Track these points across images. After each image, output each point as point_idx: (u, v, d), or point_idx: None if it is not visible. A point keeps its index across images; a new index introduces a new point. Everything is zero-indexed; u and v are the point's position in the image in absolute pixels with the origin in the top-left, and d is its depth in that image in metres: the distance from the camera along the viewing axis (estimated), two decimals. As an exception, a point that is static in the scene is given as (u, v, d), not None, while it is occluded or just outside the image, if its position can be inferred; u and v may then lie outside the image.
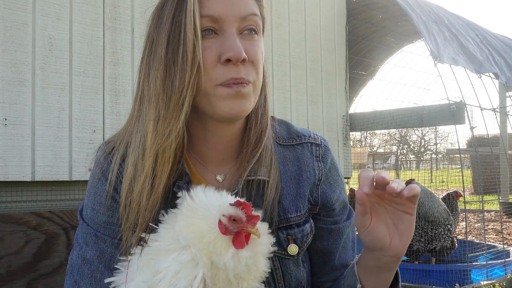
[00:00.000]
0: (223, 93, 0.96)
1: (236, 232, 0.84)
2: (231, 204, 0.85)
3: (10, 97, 2.45)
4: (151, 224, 0.93)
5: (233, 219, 0.84)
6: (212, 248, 0.84)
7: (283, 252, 1.06)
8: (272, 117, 1.18)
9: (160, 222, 0.93)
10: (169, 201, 0.96)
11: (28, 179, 2.49)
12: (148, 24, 1.05)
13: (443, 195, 5.04)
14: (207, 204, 0.89)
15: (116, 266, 0.97)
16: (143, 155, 0.97)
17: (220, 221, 0.85)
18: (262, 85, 1.07)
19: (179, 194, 0.93)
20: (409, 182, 4.23)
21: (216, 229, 0.84)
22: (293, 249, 1.07)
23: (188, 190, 0.93)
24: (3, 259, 2.37)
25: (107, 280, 0.97)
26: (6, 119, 2.42)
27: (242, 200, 0.87)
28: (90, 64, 2.76)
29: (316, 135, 1.17)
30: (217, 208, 0.87)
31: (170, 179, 0.99)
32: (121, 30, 2.92)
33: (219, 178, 1.07)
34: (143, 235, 0.94)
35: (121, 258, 0.96)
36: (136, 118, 1.02)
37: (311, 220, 1.13)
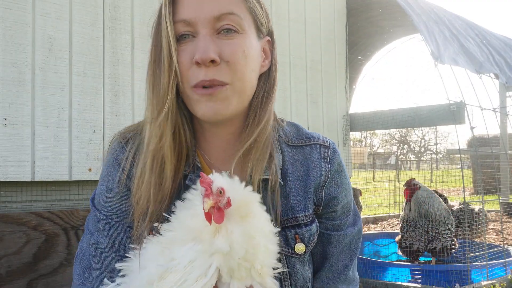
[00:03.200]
0: (196, 96, 1.00)
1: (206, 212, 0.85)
2: (199, 181, 0.87)
3: (10, 97, 2.45)
4: (164, 214, 0.95)
5: (202, 196, 0.86)
6: (204, 229, 0.86)
7: (290, 251, 1.08)
8: (282, 119, 1.21)
9: (173, 213, 0.95)
10: (182, 194, 0.98)
11: (28, 179, 2.49)
12: None
13: (457, 207, 5.01)
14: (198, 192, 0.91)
15: (127, 255, 0.98)
16: (146, 154, 1.01)
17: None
18: (267, 83, 1.09)
19: (193, 187, 0.96)
20: (410, 181, 4.23)
21: (202, 212, 0.86)
22: (300, 248, 1.09)
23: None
24: (3, 259, 2.37)
25: (118, 266, 0.97)
26: (6, 119, 2.42)
27: (206, 175, 0.88)
28: (90, 64, 2.76)
29: (325, 138, 1.19)
30: (199, 191, 0.89)
31: (179, 173, 1.03)
32: (121, 30, 2.91)
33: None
34: (155, 224, 0.96)
35: (132, 246, 0.98)
36: (145, 120, 1.07)
37: (316, 221, 1.14)
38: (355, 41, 5.71)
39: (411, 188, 4.18)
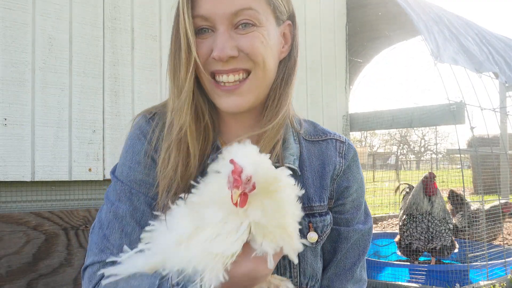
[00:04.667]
0: (217, 91, 1.05)
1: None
2: (229, 161, 0.89)
3: (10, 97, 2.45)
4: (192, 182, 0.98)
5: (228, 178, 0.88)
6: (229, 202, 0.88)
7: (302, 239, 1.08)
8: (299, 118, 1.24)
9: (198, 183, 0.98)
10: (205, 173, 1.01)
11: (28, 179, 2.49)
12: None
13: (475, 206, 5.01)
14: (228, 158, 0.93)
15: (150, 222, 0.99)
16: (172, 139, 1.05)
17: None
18: (287, 67, 1.12)
19: (219, 156, 0.98)
20: (433, 175, 4.21)
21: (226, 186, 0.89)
22: (312, 237, 1.11)
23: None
24: (3, 259, 2.37)
25: (145, 231, 0.98)
26: (6, 119, 2.42)
27: (236, 161, 0.90)
28: (90, 64, 2.76)
29: (341, 134, 1.24)
30: (226, 167, 0.91)
31: (204, 156, 1.07)
32: (121, 30, 2.91)
33: None
34: (181, 195, 0.99)
35: (156, 213, 0.99)
36: (168, 106, 1.10)
37: (331, 214, 1.16)
38: (355, 44, 5.70)
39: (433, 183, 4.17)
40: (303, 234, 1.08)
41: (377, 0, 5.07)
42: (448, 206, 5.25)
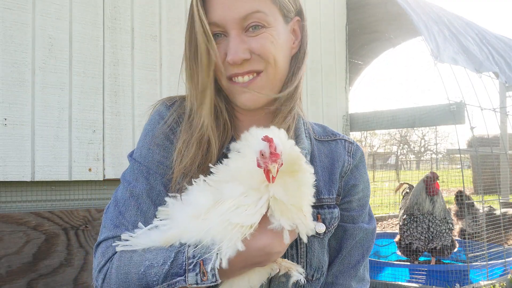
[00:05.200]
0: (234, 89, 1.10)
1: (264, 168, 0.90)
2: (262, 139, 0.91)
3: (10, 97, 2.44)
4: (210, 165, 1.01)
5: (261, 154, 0.89)
6: (253, 175, 0.91)
7: (315, 222, 1.11)
8: (310, 122, 1.30)
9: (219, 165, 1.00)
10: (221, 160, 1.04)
11: (28, 179, 2.49)
12: None
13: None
14: (254, 138, 0.96)
15: (166, 199, 1.02)
16: (192, 134, 1.10)
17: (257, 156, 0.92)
18: (298, 59, 1.18)
19: (242, 137, 1.01)
20: (435, 175, 4.21)
21: (255, 162, 0.91)
22: (320, 228, 1.14)
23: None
24: (3, 259, 2.37)
25: (161, 207, 1.02)
26: (6, 119, 2.42)
27: (271, 137, 0.92)
28: (90, 64, 2.76)
29: (348, 136, 1.30)
30: (255, 144, 0.93)
31: (222, 148, 1.12)
32: (121, 30, 2.91)
33: None
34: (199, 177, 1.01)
35: (171, 194, 1.02)
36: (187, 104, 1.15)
37: (338, 208, 1.20)
38: (355, 45, 5.70)
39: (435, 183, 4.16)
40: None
41: (377, 1, 5.07)
42: (453, 207, 5.25)
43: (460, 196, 5.15)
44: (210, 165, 1.01)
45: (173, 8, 3.21)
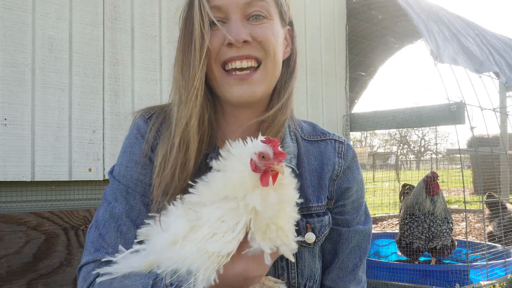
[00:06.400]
0: (229, 80, 1.05)
1: (264, 170, 0.87)
2: (261, 141, 0.89)
3: (10, 97, 2.44)
4: (189, 181, 0.98)
5: (262, 156, 0.87)
6: (242, 184, 0.88)
7: (300, 240, 1.08)
8: (298, 119, 1.25)
9: (195, 183, 0.97)
10: (203, 172, 1.01)
11: (28, 179, 2.49)
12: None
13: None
14: (241, 147, 0.93)
15: (145, 220, 1.00)
16: (173, 136, 1.05)
17: (251, 159, 0.89)
18: (289, 68, 1.15)
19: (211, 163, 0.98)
20: (436, 175, 4.20)
21: (248, 167, 0.88)
22: (310, 237, 1.10)
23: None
24: (3, 259, 2.37)
25: (140, 230, 0.99)
26: (6, 119, 2.42)
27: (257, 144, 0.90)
28: (90, 64, 2.76)
29: (340, 135, 1.23)
30: (250, 147, 0.91)
31: (200, 154, 1.06)
32: (121, 30, 2.91)
33: None
34: (177, 196, 0.98)
35: (151, 214, 0.99)
36: (172, 102, 1.10)
37: (329, 214, 1.16)
38: (356, 55, 5.70)
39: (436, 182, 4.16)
40: (300, 234, 1.07)
41: (377, 1, 5.07)
42: (487, 211, 5.26)
43: (490, 198, 5.16)
44: (190, 182, 0.97)
45: (173, 8, 3.21)
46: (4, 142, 2.41)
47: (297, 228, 1.00)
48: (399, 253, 4.39)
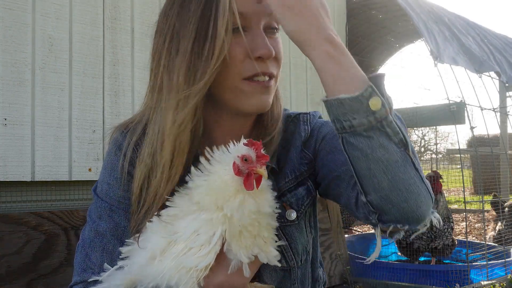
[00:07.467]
0: (250, 89, 0.99)
1: (247, 174, 0.86)
2: (244, 144, 0.88)
3: (10, 97, 2.44)
4: (166, 196, 0.95)
5: (244, 159, 0.86)
6: (225, 189, 0.86)
7: (282, 220, 1.06)
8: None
9: (173, 195, 0.96)
10: (185, 183, 0.98)
11: (28, 179, 2.49)
12: (161, 15, 1.14)
13: None
14: (223, 151, 0.92)
15: (127, 240, 0.98)
16: (161, 146, 0.97)
17: (234, 163, 0.87)
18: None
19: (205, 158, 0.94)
20: (438, 173, 4.19)
21: (231, 171, 0.87)
22: (291, 215, 1.08)
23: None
24: (2, 259, 2.37)
25: (122, 248, 0.98)
26: (5, 119, 2.42)
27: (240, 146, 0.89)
28: (90, 64, 2.75)
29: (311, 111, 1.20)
30: (233, 150, 0.89)
31: (186, 167, 1.00)
32: (121, 30, 2.91)
33: None
34: (156, 213, 0.97)
35: (132, 236, 0.98)
36: (153, 109, 1.03)
37: (309, 183, 1.12)
38: (356, 55, 5.71)
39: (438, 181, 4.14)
40: (281, 215, 1.03)
41: (377, 1, 5.07)
42: (493, 212, 5.27)
43: (495, 198, 5.15)
44: (166, 197, 0.95)
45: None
46: (4, 142, 2.41)
47: (279, 212, 0.98)
48: (399, 253, 4.39)
